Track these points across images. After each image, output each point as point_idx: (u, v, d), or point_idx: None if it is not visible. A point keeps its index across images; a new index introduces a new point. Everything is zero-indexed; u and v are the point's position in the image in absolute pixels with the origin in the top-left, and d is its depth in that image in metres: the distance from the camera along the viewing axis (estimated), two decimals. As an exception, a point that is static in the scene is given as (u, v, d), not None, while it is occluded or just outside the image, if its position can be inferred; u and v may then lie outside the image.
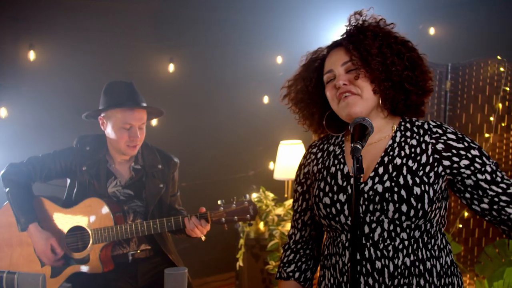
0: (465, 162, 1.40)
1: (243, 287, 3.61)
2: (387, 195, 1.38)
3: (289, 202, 3.62)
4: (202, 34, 4.18)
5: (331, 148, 1.58)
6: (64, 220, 2.37)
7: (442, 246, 1.46)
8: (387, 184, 1.39)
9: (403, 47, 1.45)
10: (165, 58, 4.11)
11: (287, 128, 3.99)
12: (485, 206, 1.40)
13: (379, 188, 1.40)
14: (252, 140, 4.33)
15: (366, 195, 1.40)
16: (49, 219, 2.38)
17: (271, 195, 3.63)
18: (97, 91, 2.49)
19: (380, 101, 1.45)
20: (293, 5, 4.25)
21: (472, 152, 1.40)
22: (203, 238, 2.33)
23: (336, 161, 1.52)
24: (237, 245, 3.65)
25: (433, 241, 1.44)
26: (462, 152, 1.40)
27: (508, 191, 1.39)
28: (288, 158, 3.78)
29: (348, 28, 1.51)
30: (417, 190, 1.36)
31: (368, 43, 1.43)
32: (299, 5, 4.24)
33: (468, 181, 1.40)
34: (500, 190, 1.39)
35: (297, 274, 1.62)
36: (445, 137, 1.43)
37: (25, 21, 3.47)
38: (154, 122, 3.87)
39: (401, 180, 1.38)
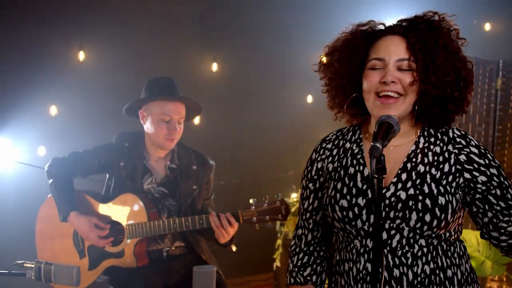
0: (483, 178, 1.34)
1: (281, 287, 3.59)
2: (410, 203, 1.32)
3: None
4: (245, 34, 4.18)
5: (348, 145, 1.49)
6: (102, 215, 2.44)
7: (461, 253, 1.41)
8: (411, 191, 1.33)
9: (464, 69, 1.34)
10: (208, 57, 4.16)
11: (328, 127, 3.88)
12: (486, 220, 1.34)
13: (403, 195, 1.33)
14: (293, 139, 4.28)
15: (387, 201, 1.34)
16: (88, 212, 2.45)
17: (310, 195, 3.58)
18: (142, 90, 2.55)
19: (415, 111, 1.36)
20: (337, 2, 4.16)
21: (491, 170, 1.34)
22: (234, 248, 2.32)
23: (354, 161, 1.44)
24: (274, 245, 3.63)
25: (452, 248, 1.38)
26: (482, 169, 1.34)
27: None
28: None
29: (419, 20, 1.36)
30: (442, 200, 1.31)
31: (436, 51, 1.31)
32: (343, 3, 4.14)
33: (478, 195, 1.34)
34: (505, 206, 1.32)
35: (314, 278, 1.53)
36: (468, 150, 1.36)
37: (75, 24, 3.61)
38: (196, 120, 3.92)
39: (426, 189, 1.32)
